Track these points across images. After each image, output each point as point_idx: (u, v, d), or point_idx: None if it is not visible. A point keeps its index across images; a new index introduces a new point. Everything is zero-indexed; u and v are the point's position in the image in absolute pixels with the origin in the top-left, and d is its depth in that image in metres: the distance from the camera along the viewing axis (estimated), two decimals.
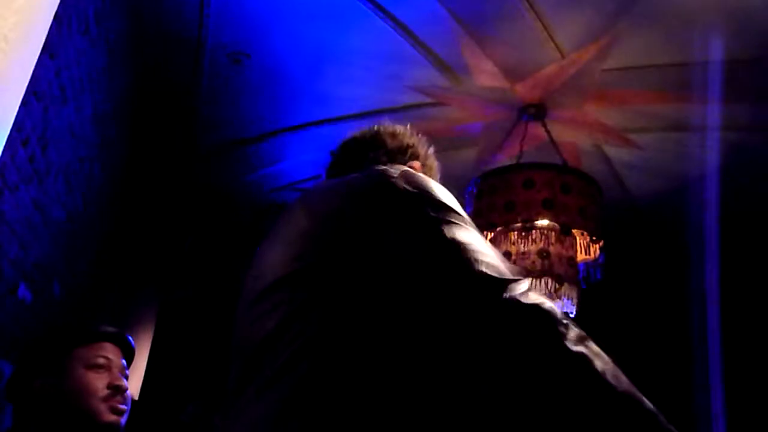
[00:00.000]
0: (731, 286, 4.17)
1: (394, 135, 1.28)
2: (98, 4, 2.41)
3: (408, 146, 1.27)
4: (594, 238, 3.22)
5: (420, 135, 1.31)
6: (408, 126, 1.32)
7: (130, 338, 1.72)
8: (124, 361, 1.64)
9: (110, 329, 1.66)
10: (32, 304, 2.47)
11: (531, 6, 2.94)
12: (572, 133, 3.86)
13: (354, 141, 1.29)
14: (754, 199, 4.10)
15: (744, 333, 4.41)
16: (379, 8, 3.02)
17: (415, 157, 1.26)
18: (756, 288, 4.53)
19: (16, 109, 1.08)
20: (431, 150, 1.31)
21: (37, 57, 1.10)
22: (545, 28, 3.08)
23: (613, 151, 4.04)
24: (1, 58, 0.93)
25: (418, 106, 3.67)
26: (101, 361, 1.55)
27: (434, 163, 1.31)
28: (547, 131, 3.69)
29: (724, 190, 3.83)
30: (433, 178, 1.06)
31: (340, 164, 1.24)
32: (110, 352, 1.59)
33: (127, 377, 1.62)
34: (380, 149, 1.24)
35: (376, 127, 1.30)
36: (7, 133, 1.06)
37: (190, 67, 3.42)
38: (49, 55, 1.94)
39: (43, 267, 2.54)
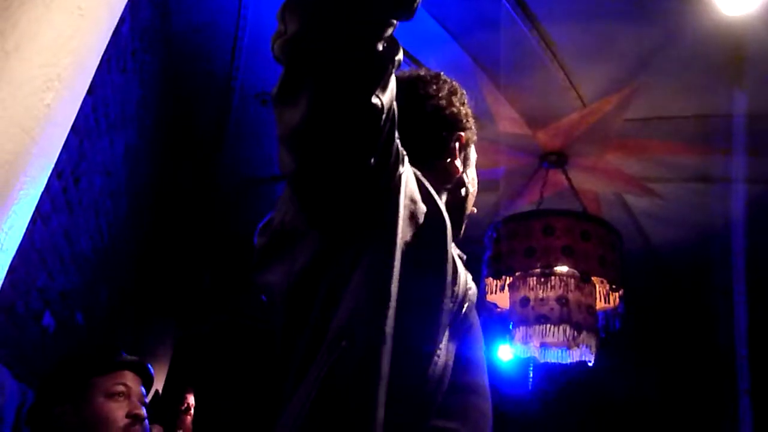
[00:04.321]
0: (758, 338, 4.11)
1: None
2: (137, 43, 2.50)
3: None
4: (614, 286, 3.20)
5: None
6: None
7: (149, 366, 1.75)
8: (143, 389, 1.67)
9: (130, 358, 1.69)
10: (55, 332, 2.51)
11: (554, 55, 3.00)
12: (593, 181, 3.88)
13: None
14: None
15: None
16: (405, 54, 3.10)
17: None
18: None
19: (62, 144, 1.14)
20: None
21: (83, 96, 1.16)
22: (568, 77, 3.14)
23: (634, 200, 4.05)
24: (53, 97, 0.98)
25: None
26: (120, 389, 1.58)
27: None
28: (568, 178, 3.72)
29: (746, 242, 3.80)
30: None
31: None
32: (129, 381, 1.62)
33: (146, 405, 1.64)
34: None
35: None
36: (52, 166, 1.11)
37: (219, 105, 3.51)
38: (88, 90, 2.01)
39: (68, 296, 2.58)
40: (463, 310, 1.02)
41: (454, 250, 1.06)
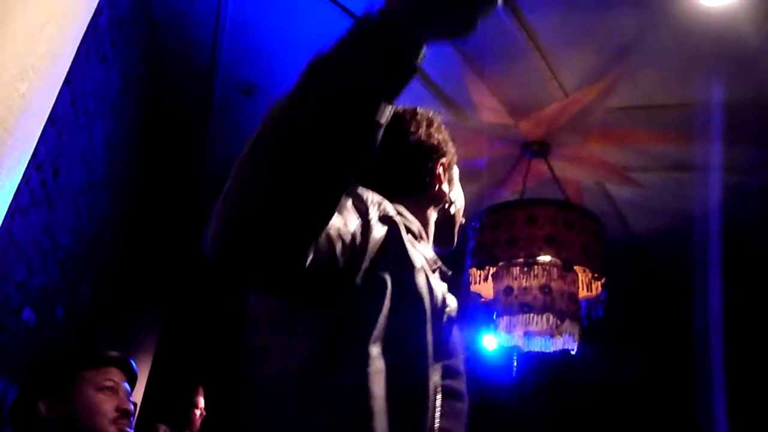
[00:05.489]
0: (732, 322, 4.17)
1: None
2: (116, 33, 2.46)
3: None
4: (596, 274, 3.23)
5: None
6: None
7: (133, 363, 1.74)
8: (127, 386, 1.66)
9: (115, 354, 1.68)
10: (35, 327, 2.48)
11: (536, 45, 3.01)
12: (575, 171, 3.90)
13: None
14: (755, 239, 4.12)
15: (746, 371, 4.39)
16: None
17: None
18: (757, 325, 4.53)
19: (38, 135, 1.12)
20: None
21: (60, 86, 1.14)
22: (549, 67, 3.14)
23: (615, 189, 4.08)
24: (27, 87, 0.96)
25: None
26: (109, 384, 1.58)
27: None
28: (550, 168, 3.73)
29: (725, 230, 3.85)
30: None
31: None
32: (116, 376, 1.62)
33: (131, 402, 1.64)
34: None
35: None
36: (29, 158, 1.09)
37: (201, 96, 3.48)
38: (65, 81, 1.98)
39: (48, 290, 2.55)
40: (442, 325, 1.12)
41: (432, 274, 1.14)
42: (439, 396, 1.05)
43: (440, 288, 1.14)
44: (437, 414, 1.04)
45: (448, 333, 1.15)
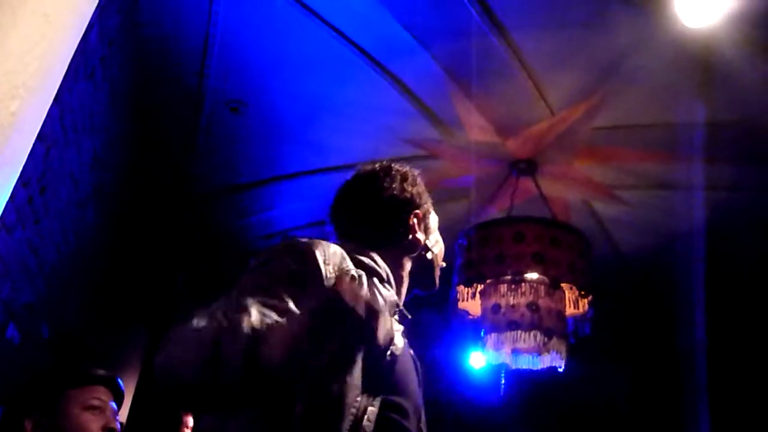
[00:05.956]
0: (717, 340, 4.20)
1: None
2: (105, 51, 2.47)
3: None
4: (583, 292, 3.24)
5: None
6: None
7: (120, 382, 1.73)
8: (114, 405, 1.65)
9: (102, 372, 1.68)
10: (20, 344, 2.46)
11: (523, 65, 3.04)
12: (562, 189, 3.93)
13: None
14: (737, 255, 4.16)
15: (731, 387, 4.41)
16: (375, 63, 3.11)
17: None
18: (741, 342, 4.56)
19: (27, 152, 1.12)
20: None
21: (50, 104, 1.14)
22: (536, 86, 3.18)
23: (602, 207, 4.11)
24: (18, 105, 0.97)
25: (411, 158, 3.73)
26: (96, 403, 1.58)
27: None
28: (538, 186, 3.76)
29: (709, 247, 3.89)
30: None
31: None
32: (103, 395, 1.61)
33: (117, 420, 1.63)
34: None
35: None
36: (17, 175, 1.09)
37: (189, 113, 3.48)
38: (54, 98, 1.98)
39: (33, 308, 2.53)
40: (383, 362, 1.16)
41: (391, 316, 1.23)
42: (368, 422, 1.08)
43: (391, 327, 1.21)
44: None
45: (389, 369, 1.19)
